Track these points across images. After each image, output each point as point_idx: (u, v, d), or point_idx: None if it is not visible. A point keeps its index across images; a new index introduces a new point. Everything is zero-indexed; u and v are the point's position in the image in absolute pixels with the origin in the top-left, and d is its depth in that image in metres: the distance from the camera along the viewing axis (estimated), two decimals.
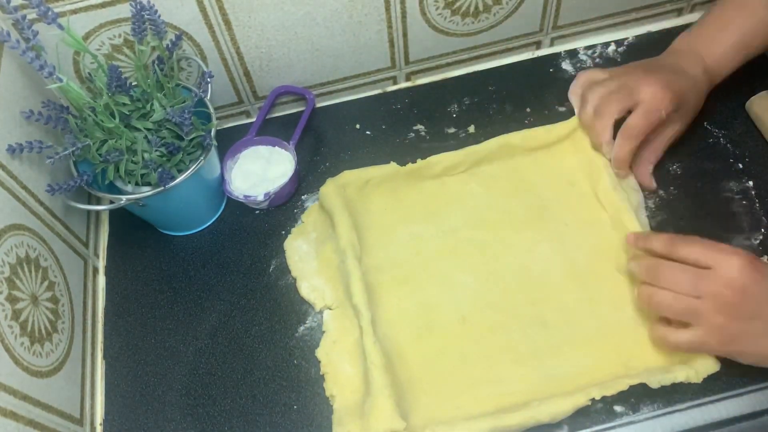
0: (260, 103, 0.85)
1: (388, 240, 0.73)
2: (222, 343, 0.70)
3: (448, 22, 0.81)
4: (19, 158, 0.66)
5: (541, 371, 0.64)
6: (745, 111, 0.78)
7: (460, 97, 0.84)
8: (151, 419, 0.67)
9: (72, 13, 0.68)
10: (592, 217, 0.72)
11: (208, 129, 0.71)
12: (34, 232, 0.66)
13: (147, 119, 0.69)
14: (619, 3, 0.84)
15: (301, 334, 0.70)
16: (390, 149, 0.81)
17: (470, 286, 0.70)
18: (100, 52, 0.73)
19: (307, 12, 0.75)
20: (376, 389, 0.61)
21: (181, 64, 0.77)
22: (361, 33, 0.79)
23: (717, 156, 0.75)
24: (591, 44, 0.87)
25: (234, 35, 0.75)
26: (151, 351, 0.71)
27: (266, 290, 0.73)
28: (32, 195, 0.67)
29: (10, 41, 0.60)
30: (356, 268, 0.68)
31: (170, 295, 0.74)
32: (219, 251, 0.77)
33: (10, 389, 0.56)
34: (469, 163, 0.77)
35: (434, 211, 0.75)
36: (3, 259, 0.60)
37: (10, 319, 0.59)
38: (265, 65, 0.80)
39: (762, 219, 0.71)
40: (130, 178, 0.70)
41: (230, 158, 0.79)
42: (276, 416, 0.66)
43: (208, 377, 0.69)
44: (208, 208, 0.78)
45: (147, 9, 0.66)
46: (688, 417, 0.61)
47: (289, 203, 0.79)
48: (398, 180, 0.76)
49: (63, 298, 0.69)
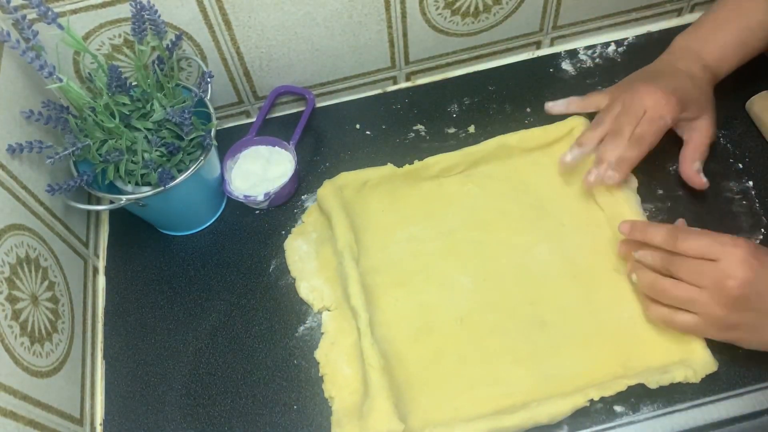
0: (260, 103, 0.85)
1: (386, 241, 0.73)
2: (222, 343, 0.71)
3: (448, 22, 0.81)
4: (19, 158, 0.66)
5: (540, 372, 0.64)
6: (745, 111, 0.78)
7: (460, 97, 0.84)
8: (151, 419, 0.67)
9: (72, 13, 0.69)
10: (590, 218, 0.72)
11: (208, 129, 0.71)
12: (34, 232, 0.66)
13: (147, 119, 0.69)
14: (619, 3, 0.84)
15: (301, 334, 0.70)
16: (390, 149, 0.81)
17: (468, 287, 0.70)
18: (100, 52, 0.73)
19: (307, 12, 0.75)
20: (374, 391, 0.61)
21: (181, 64, 0.78)
22: (361, 33, 0.79)
23: (717, 156, 0.75)
24: (591, 44, 0.87)
25: (234, 35, 0.75)
26: (151, 351, 0.71)
27: (266, 290, 0.73)
28: (32, 195, 0.67)
29: (10, 41, 0.60)
30: (354, 270, 0.68)
31: (170, 295, 0.74)
32: (219, 251, 0.77)
33: (10, 389, 0.56)
34: (467, 164, 0.77)
35: (432, 212, 0.75)
36: (3, 259, 0.60)
37: (10, 319, 0.59)
38: (265, 65, 0.80)
39: (762, 219, 0.71)
40: (130, 178, 0.70)
41: (230, 158, 0.79)
42: (276, 416, 0.66)
43: (208, 377, 0.69)
44: (208, 208, 0.78)
45: (147, 9, 0.66)
46: (688, 417, 0.61)
47: (289, 203, 0.79)
48: (396, 181, 0.76)
49: (63, 298, 0.69)
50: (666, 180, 0.74)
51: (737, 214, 0.71)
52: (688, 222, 0.68)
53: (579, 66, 0.85)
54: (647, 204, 0.73)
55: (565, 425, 0.62)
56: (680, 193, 0.73)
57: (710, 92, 0.72)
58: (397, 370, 0.64)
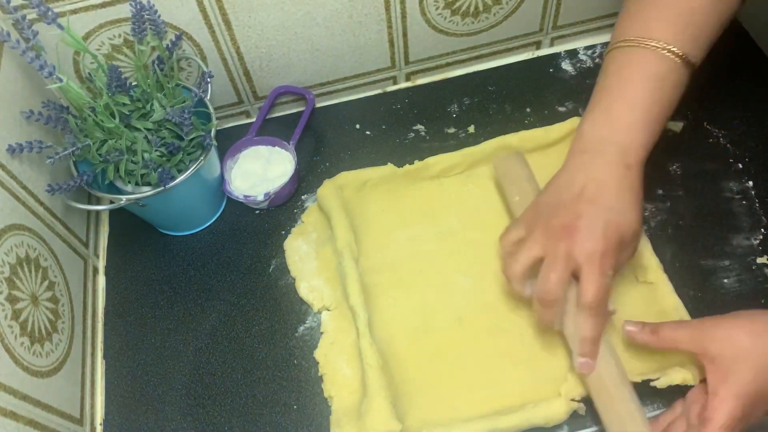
0: (260, 103, 0.85)
1: (386, 241, 0.73)
2: (222, 343, 0.71)
3: (448, 22, 0.81)
4: (19, 158, 0.66)
5: (538, 373, 0.64)
6: (745, 111, 0.77)
7: (460, 97, 0.84)
8: (151, 419, 0.67)
9: (72, 13, 0.69)
10: None
11: (208, 129, 0.71)
12: (34, 232, 0.66)
13: (147, 119, 0.69)
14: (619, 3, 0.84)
15: (301, 333, 0.70)
16: (390, 149, 0.81)
17: (467, 287, 0.69)
18: (100, 52, 0.73)
19: (307, 12, 0.75)
20: (372, 391, 0.61)
21: (181, 64, 0.78)
22: (361, 33, 0.79)
23: (717, 156, 0.75)
24: (591, 44, 0.87)
25: (234, 35, 0.75)
26: (151, 351, 0.71)
27: (266, 290, 0.73)
28: (32, 195, 0.67)
29: (10, 41, 0.60)
30: (353, 270, 0.68)
31: (170, 295, 0.74)
32: (219, 251, 0.77)
33: (10, 389, 0.56)
34: (467, 165, 0.77)
35: (431, 213, 0.75)
36: (3, 259, 0.60)
37: (10, 319, 0.59)
38: (265, 65, 0.80)
39: (762, 219, 0.71)
40: (130, 178, 0.70)
41: (230, 158, 0.79)
42: (276, 416, 0.66)
43: (208, 377, 0.69)
44: (208, 208, 0.78)
45: (147, 9, 0.66)
46: None
47: (289, 203, 0.79)
48: (396, 181, 0.76)
49: (63, 298, 0.69)
50: (666, 180, 0.74)
51: (737, 214, 0.71)
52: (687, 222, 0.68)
53: (579, 66, 0.85)
54: (647, 204, 0.73)
55: (565, 425, 0.61)
56: (680, 193, 0.73)
57: (641, 199, 0.60)
58: (395, 370, 0.64)
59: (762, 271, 0.68)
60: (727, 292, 0.67)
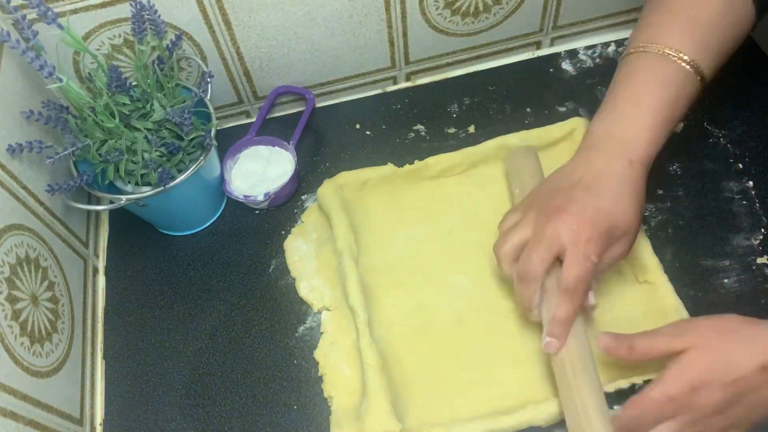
0: (260, 103, 0.85)
1: (386, 241, 0.73)
2: (222, 343, 0.71)
3: (448, 22, 0.81)
4: (19, 158, 0.66)
5: (537, 373, 0.63)
6: (744, 111, 0.77)
7: (460, 97, 0.84)
8: (151, 419, 0.67)
9: (72, 13, 0.69)
10: None
11: (208, 129, 0.71)
12: (34, 232, 0.66)
13: (147, 119, 0.69)
14: (619, 3, 0.84)
15: (301, 334, 0.70)
16: (390, 149, 0.81)
17: (467, 287, 0.69)
18: (100, 52, 0.73)
19: (307, 12, 0.75)
20: (372, 391, 0.61)
21: (181, 64, 0.78)
22: (361, 33, 0.79)
23: (717, 156, 0.75)
24: (591, 44, 0.87)
25: (234, 35, 0.75)
26: (151, 351, 0.71)
27: (266, 290, 0.73)
28: (32, 195, 0.67)
29: (10, 41, 0.60)
30: (353, 269, 0.68)
31: (170, 295, 0.74)
32: (219, 251, 0.77)
33: (10, 389, 0.56)
34: (467, 165, 0.77)
35: (431, 213, 0.75)
36: (3, 259, 0.60)
37: (10, 319, 0.59)
38: (265, 65, 0.80)
39: (762, 219, 0.71)
40: (130, 178, 0.70)
41: (230, 158, 0.79)
42: (276, 416, 0.66)
43: (208, 377, 0.69)
44: (208, 208, 0.78)
45: (147, 9, 0.66)
46: None
47: (289, 203, 0.79)
48: (396, 181, 0.76)
49: (63, 298, 0.69)
50: (666, 180, 0.74)
51: (737, 214, 0.71)
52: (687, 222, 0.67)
53: (579, 66, 0.85)
54: (647, 204, 0.73)
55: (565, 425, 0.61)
56: (680, 193, 0.73)
57: (642, 197, 0.60)
58: (395, 370, 0.64)
59: (762, 271, 0.68)
60: (727, 292, 0.67)
